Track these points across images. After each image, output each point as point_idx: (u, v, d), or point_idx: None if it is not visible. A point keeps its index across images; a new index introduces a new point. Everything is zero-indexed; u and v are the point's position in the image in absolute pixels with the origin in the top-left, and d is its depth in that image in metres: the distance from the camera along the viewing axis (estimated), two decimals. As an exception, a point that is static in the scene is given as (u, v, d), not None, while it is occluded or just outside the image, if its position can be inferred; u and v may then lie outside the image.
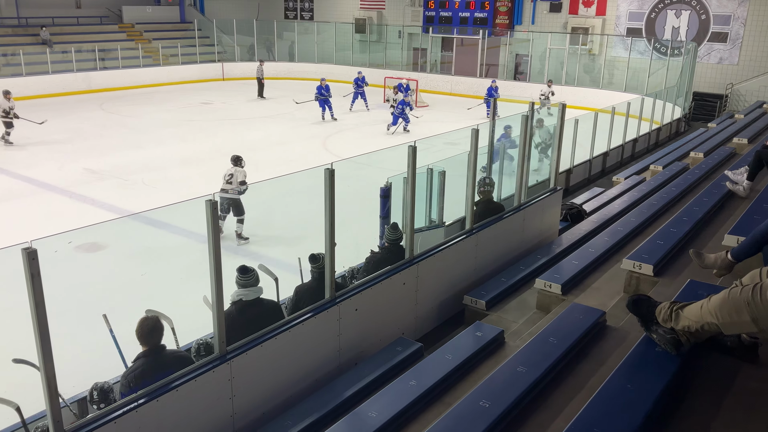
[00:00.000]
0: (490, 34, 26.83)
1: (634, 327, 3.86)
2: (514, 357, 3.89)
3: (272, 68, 29.62)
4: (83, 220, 10.31)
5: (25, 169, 13.97)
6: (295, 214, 10.92)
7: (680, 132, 18.80)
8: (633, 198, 8.51)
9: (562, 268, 5.85)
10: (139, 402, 3.79)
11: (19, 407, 3.90)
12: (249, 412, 4.48)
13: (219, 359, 4.22)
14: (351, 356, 5.24)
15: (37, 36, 25.45)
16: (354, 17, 30.68)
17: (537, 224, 7.58)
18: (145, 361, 4.08)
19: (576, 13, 25.36)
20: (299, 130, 19.05)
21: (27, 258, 3.17)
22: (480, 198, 6.97)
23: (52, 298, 3.35)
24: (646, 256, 5.00)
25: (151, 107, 22.07)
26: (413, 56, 29.49)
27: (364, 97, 22.05)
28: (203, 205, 3.88)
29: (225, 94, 25.35)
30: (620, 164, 14.31)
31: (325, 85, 20.14)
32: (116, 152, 15.75)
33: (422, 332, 6.02)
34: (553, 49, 24.97)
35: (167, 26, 30.35)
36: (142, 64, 26.66)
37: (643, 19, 24.05)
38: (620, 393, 3.17)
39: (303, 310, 4.86)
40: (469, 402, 3.48)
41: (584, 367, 3.81)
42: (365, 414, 3.89)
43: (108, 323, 4.59)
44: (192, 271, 7.64)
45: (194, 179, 13.31)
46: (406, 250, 5.78)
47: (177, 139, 17.48)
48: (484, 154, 7.38)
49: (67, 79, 23.78)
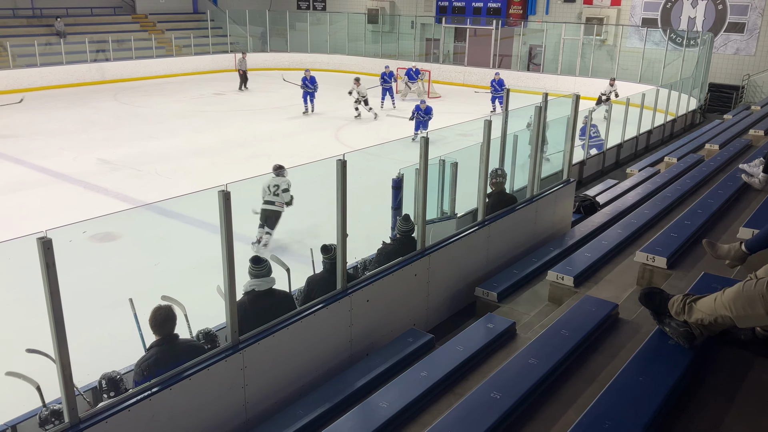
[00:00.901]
0: (504, 24, 26.66)
1: (646, 320, 3.84)
2: (526, 349, 3.88)
3: (285, 59, 29.66)
4: (97, 210, 10.40)
5: (40, 159, 14.10)
6: (307, 205, 10.94)
7: (695, 124, 18.62)
8: (647, 190, 8.44)
9: (574, 261, 5.83)
10: (152, 390, 3.83)
11: (39, 386, 3.97)
12: (261, 401, 4.51)
13: (231, 348, 4.25)
14: (362, 347, 5.26)
15: (51, 27, 25.60)
16: (366, 8, 30.58)
17: (549, 216, 7.55)
18: (158, 350, 4.12)
19: (590, 3, 25.11)
20: (312, 121, 19.06)
21: (42, 247, 3.20)
22: (492, 190, 6.95)
23: (67, 287, 3.38)
24: (659, 249, 4.97)
25: (164, 98, 22.17)
26: (426, 47, 29.37)
27: (391, 94, 21.47)
28: (216, 195, 3.90)
29: (238, 84, 25.38)
30: (634, 156, 14.20)
31: (310, 77, 19.98)
32: (130, 143, 15.86)
33: (433, 323, 6.02)
34: (567, 39, 24.77)
35: (180, 17, 30.42)
36: (155, 55, 26.74)
37: (658, 9, 23.78)
38: (632, 386, 3.16)
39: (315, 301, 4.88)
40: (480, 393, 3.48)
41: (596, 360, 3.80)
42: (376, 404, 3.91)
43: (133, 307, 4.64)
44: (205, 261, 7.68)
45: (207, 170, 13.38)
46: (418, 241, 5.78)
47: (190, 129, 17.56)
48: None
49: (80, 69, 23.92)
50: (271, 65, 29.42)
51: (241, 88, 24.23)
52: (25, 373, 3.98)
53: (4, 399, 4.64)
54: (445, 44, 28.30)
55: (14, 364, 4.00)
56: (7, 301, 7.34)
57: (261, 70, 28.93)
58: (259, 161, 14.00)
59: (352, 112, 19.15)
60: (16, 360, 4.08)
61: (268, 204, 9.22)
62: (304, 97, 19.96)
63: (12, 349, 6.28)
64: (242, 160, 14.24)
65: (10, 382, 3.96)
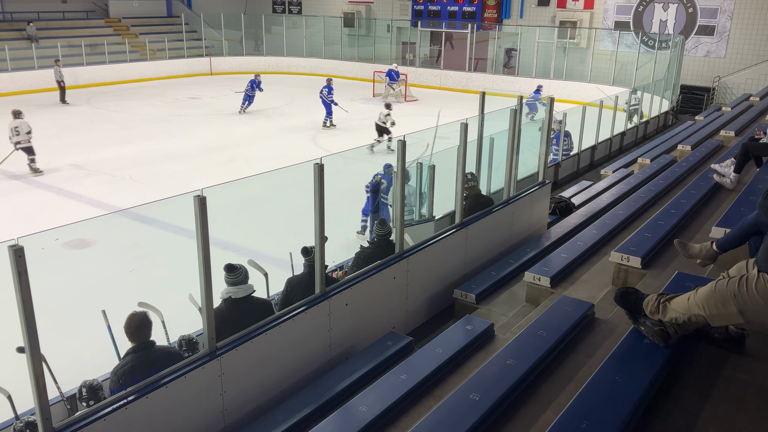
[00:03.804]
0: (479, 28, 26.83)
1: (622, 319, 3.89)
2: (504, 350, 3.90)
3: (261, 62, 29.52)
4: (71, 216, 10.24)
5: (11, 166, 13.83)
6: (285, 209, 10.90)
7: (668, 125, 18.90)
8: (621, 191, 8.55)
9: (551, 261, 5.88)
10: (128, 399, 3.78)
11: (10, 396, 3.88)
12: (239, 408, 4.47)
13: (209, 355, 4.21)
14: (342, 351, 5.25)
15: (22, 31, 25.18)
16: (342, 11, 30.58)
17: (526, 218, 7.61)
18: (134, 357, 4.06)
19: (564, 6, 25.40)
20: (289, 125, 18.98)
21: (14, 255, 3.14)
22: (467, 194, 6.99)
23: (40, 295, 3.33)
24: (633, 249, 5.03)
25: (138, 102, 21.92)
26: (402, 50, 29.45)
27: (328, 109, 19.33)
28: (191, 200, 3.86)
29: (213, 88, 25.21)
30: (608, 157, 14.37)
31: (258, 81, 20.29)
32: (104, 148, 15.64)
33: (413, 326, 6.03)
34: (541, 42, 25.02)
35: (154, 20, 30.09)
36: (129, 59, 26.43)
37: (630, 13, 24.12)
38: (609, 385, 3.19)
39: (293, 305, 4.86)
40: (460, 395, 3.50)
41: (573, 360, 3.83)
42: (356, 408, 3.90)
43: (106, 319, 4.57)
44: (181, 267, 7.61)
45: (183, 174, 13.25)
46: (396, 244, 5.79)
47: (165, 134, 17.38)
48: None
49: (52, 74, 23.52)
50: (246, 69, 29.24)
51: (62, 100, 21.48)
52: (10, 380, 3.89)
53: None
54: (420, 48, 28.40)
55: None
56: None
57: (238, 74, 28.78)
58: (236, 165, 13.91)
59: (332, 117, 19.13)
60: None
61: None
62: (245, 99, 20.28)
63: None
64: (219, 165, 14.13)
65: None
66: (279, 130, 18.13)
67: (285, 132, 17.94)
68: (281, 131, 18.04)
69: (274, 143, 16.39)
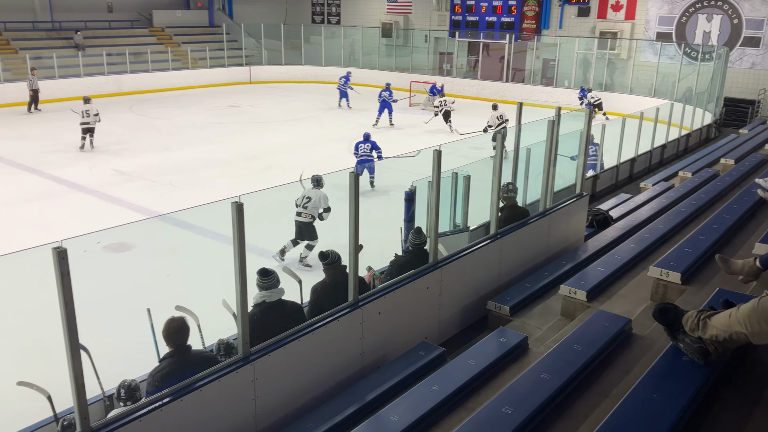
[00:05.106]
0: (517, 38, 26.71)
1: (660, 336, 3.81)
2: (538, 364, 3.86)
3: (300, 72, 29.89)
4: (112, 220, 10.49)
5: (56, 170, 14.26)
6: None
7: (710, 138, 18.49)
8: (661, 204, 8.39)
9: (587, 275, 5.80)
10: (163, 401, 3.84)
11: (50, 396, 3.98)
12: (271, 414, 4.50)
13: (242, 360, 4.25)
14: (373, 359, 5.25)
15: (70, 39, 25.98)
16: (380, 21, 30.78)
17: (562, 230, 7.52)
18: (171, 361, 4.13)
19: (604, 17, 25.12)
20: (325, 133, 19.14)
21: (57, 257, 3.23)
22: (504, 204, 6.94)
23: (81, 296, 3.41)
24: (673, 264, 4.93)
25: (179, 110, 22.38)
26: (439, 60, 29.48)
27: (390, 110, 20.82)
28: (229, 206, 3.92)
29: (252, 97, 25.60)
30: (648, 170, 14.11)
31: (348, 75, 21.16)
32: (145, 154, 16.01)
33: (445, 337, 6.00)
34: (580, 53, 24.77)
35: (196, 30, 30.76)
36: (171, 68, 27.04)
37: (673, 24, 23.73)
38: (645, 402, 3.13)
39: (326, 313, 4.88)
40: (492, 408, 3.46)
41: (609, 376, 3.77)
42: (387, 418, 3.89)
43: (150, 318, 4.66)
44: (217, 272, 7.72)
45: (221, 181, 13.46)
46: (430, 254, 5.77)
47: (204, 141, 17.70)
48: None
49: (98, 81, 24.22)
50: (285, 78, 29.68)
51: (30, 109, 21.21)
52: (40, 382, 4.00)
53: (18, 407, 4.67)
54: (458, 58, 28.37)
55: (30, 372, 4.03)
56: (23, 310, 7.41)
57: (276, 83, 29.20)
58: (272, 172, 14.07)
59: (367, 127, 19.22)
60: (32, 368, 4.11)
61: (296, 215, 9.14)
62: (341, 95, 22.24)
63: (28, 357, 6.36)
64: (256, 172, 14.32)
65: (25, 390, 3.98)
66: (316, 139, 18.29)
67: (321, 140, 18.09)
68: (318, 139, 18.20)
69: (311, 151, 16.53)
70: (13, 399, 4.60)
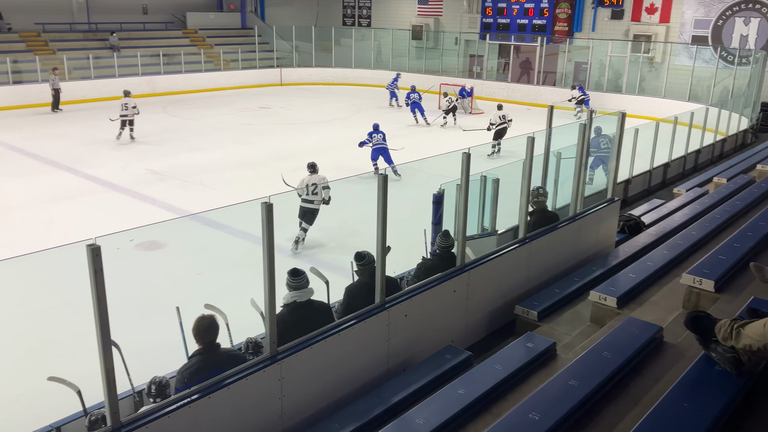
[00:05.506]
0: (549, 41, 26.48)
1: (692, 344, 3.74)
2: (566, 370, 3.82)
3: (330, 74, 30.05)
4: (144, 218, 10.66)
5: (91, 169, 14.55)
6: (347, 218, 11.01)
7: (747, 144, 18.10)
8: (695, 211, 8.25)
9: (618, 281, 5.72)
10: (192, 398, 3.89)
11: (80, 391, 4.06)
12: (297, 413, 4.53)
13: (270, 359, 4.29)
14: (399, 362, 5.25)
15: (106, 41, 26.50)
16: (411, 24, 30.79)
17: (593, 235, 7.43)
18: (200, 359, 4.18)
19: (638, 20, 24.77)
20: (354, 135, 19.17)
21: (91, 254, 3.29)
22: (534, 208, 6.88)
23: (113, 292, 3.47)
24: (707, 271, 4.84)
25: (211, 111, 22.66)
26: (469, 63, 29.38)
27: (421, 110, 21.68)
28: (259, 206, 3.96)
29: (282, 98, 25.81)
30: (682, 176, 13.88)
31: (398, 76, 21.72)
32: (177, 154, 16.24)
33: (472, 341, 5.97)
34: (613, 56, 24.46)
35: (229, 32, 31.14)
36: (203, 69, 27.42)
37: (709, 27, 23.29)
38: (676, 411, 3.07)
39: (353, 314, 4.90)
40: (518, 414, 3.44)
41: (639, 384, 3.71)
42: (412, 420, 3.88)
43: (180, 316, 4.73)
44: (246, 271, 7.80)
45: (251, 181, 13.59)
46: (458, 257, 5.75)
47: (235, 142, 17.89)
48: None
49: (132, 82, 24.64)
50: (315, 80, 29.85)
51: (54, 109, 21.50)
52: (69, 377, 4.07)
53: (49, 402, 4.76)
54: (488, 60, 28.24)
55: (60, 367, 4.11)
56: (56, 306, 7.57)
57: (307, 85, 29.39)
58: (302, 174, 14.14)
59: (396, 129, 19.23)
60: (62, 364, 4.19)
61: (306, 202, 9.73)
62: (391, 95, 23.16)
63: (59, 352, 6.49)
64: (286, 173, 14.41)
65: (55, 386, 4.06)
66: (344, 140, 18.33)
67: (350, 142, 18.10)
68: (347, 141, 18.23)
69: (340, 153, 16.60)
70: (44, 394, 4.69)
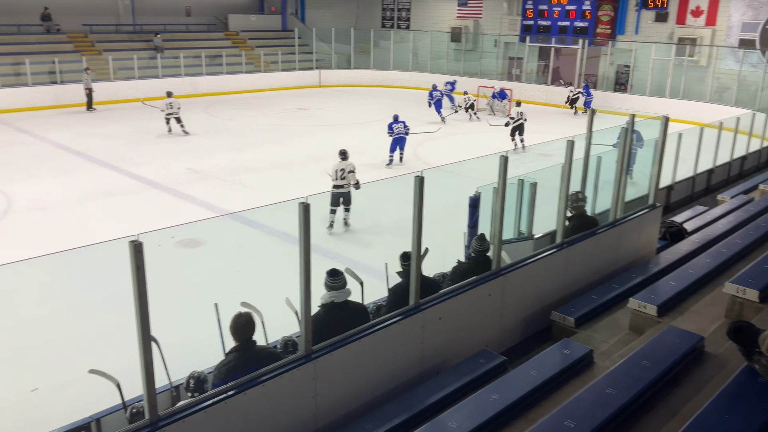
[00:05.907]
0: (591, 44, 26.11)
1: (734, 355, 3.65)
2: (603, 378, 3.76)
3: (368, 76, 30.19)
4: (185, 216, 10.87)
5: (134, 167, 14.90)
6: (383, 219, 11.05)
7: (796, 150, 17.53)
8: (739, 218, 8.04)
9: (658, 289, 5.61)
10: (228, 393, 3.95)
11: (119, 384, 4.15)
12: (331, 412, 4.56)
13: (304, 358, 4.32)
14: (433, 364, 5.23)
15: (150, 42, 27.10)
16: (450, 26, 30.71)
17: (633, 242, 7.30)
18: (237, 356, 4.24)
19: (683, 23, 24.25)
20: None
21: (133, 250, 3.36)
22: (573, 213, 6.79)
23: (154, 288, 3.55)
24: (751, 281, 4.71)
25: (251, 111, 22.99)
26: (508, 65, 29.16)
27: (437, 107, 22.37)
28: (296, 206, 4.00)
29: (321, 100, 26.02)
30: (726, 182, 13.52)
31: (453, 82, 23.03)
32: (217, 154, 16.51)
33: (507, 346, 5.92)
34: (657, 60, 23.99)
35: (269, 34, 31.55)
36: (244, 70, 27.83)
37: (757, 30, 22.65)
38: (717, 423, 3.00)
39: (387, 315, 4.90)
40: (553, 421, 3.40)
41: (678, 394, 3.63)
42: (445, 423, 3.87)
43: (218, 312, 4.81)
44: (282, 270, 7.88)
45: (289, 182, 13.75)
46: (493, 261, 5.71)
47: (274, 142, 18.11)
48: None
49: (175, 83, 25.14)
50: (354, 82, 30.02)
51: (88, 108, 22.07)
52: (109, 370, 4.17)
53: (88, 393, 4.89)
54: (528, 63, 27.98)
55: (100, 361, 4.21)
56: (98, 300, 7.77)
57: (345, 87, 29.58)
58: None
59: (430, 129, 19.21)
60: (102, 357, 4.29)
61: (337, 188, 10.60)
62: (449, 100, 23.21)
63: (100, 346, 6.66)
64: (323, 173, 14.52)
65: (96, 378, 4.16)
66: (382, 142, 18.38)
67: (388, 144, 18.17)
68: (384, 143, 18.28)
69: (376, 155, 16.65)
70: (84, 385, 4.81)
